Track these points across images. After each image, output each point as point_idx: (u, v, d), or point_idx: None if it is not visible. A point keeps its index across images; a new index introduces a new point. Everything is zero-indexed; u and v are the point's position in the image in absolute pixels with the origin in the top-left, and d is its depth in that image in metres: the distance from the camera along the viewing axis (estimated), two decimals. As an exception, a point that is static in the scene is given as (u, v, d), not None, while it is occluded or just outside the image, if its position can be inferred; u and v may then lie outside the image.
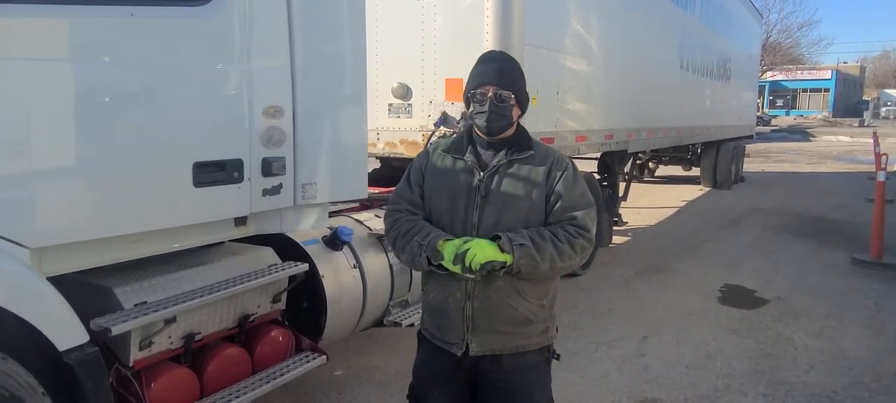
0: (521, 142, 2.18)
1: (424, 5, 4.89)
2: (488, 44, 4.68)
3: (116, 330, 2.31)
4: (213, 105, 2.65)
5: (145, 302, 2.55)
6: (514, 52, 4.74)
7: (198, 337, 2.78)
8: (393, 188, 4.98)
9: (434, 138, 4.90)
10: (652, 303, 5.72)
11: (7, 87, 2.03)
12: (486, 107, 2.11)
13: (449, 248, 2.06)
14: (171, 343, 2.68)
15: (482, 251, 2.00)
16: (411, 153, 5.00)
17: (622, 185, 8.65)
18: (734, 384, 4.09)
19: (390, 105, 5.13)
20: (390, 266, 3.81)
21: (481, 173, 2.15)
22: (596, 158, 7.92)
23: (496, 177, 2.13)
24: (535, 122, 5.05)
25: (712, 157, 13.14)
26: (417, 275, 3.94)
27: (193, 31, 2.55)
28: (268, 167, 2.84)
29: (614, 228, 7.95)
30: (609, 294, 5.97)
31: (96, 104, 2.25)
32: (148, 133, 2.40)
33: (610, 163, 7.71)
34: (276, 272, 3.04)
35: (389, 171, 5.66)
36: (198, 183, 2.57)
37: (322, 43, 3.14)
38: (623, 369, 4.29)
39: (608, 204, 7.34)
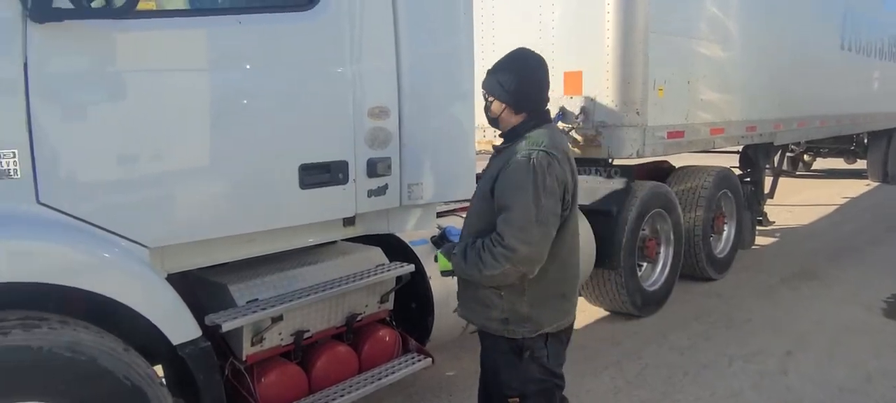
0: (513, 136, 2.31)
1: (542, -2, 4.72)
2: (609, 33, 4.43)
3: (226, 327, 2.42)
4: (319, 107, 2.69)
5: (257, 300, 2.66)
6: (638, 40, 4.45)
7: (307, 335, 2.86)
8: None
9: (552, 134, 4.73)
10: (800, 314, 5.12)
11: (123, 98, 2.18)
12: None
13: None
14: (282, 339, 2.78)
15: (440, 261, 2.43)
16: (529, 150, 4.85)
17: (769, 181, 7.88)
18: (899, 413, 3.54)
19: (507, 101, 5.01)
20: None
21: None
22: (737, 152, 7.28)
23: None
24: (661, 115, 4.71)
25: (882, 148, 11.60)
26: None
27: (299, 35, 2.59)
28: (373, 168, 2.84)
29: (758, 228, 7.25)
30: (749, 301, 5.44)
31: (207, 110, 2.36)
32: (256, 137, 2.48)
33: (753, 156, 7.04)
34: (383, 272, 3.05)
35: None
36: (304, 185, 2.62)
37: (429, 41, 3.08)
38: (761, 387, 3.86)
39: (750, 201, 6.69)
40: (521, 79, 2.31)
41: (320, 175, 2.66)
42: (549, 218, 2.14)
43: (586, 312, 5.11)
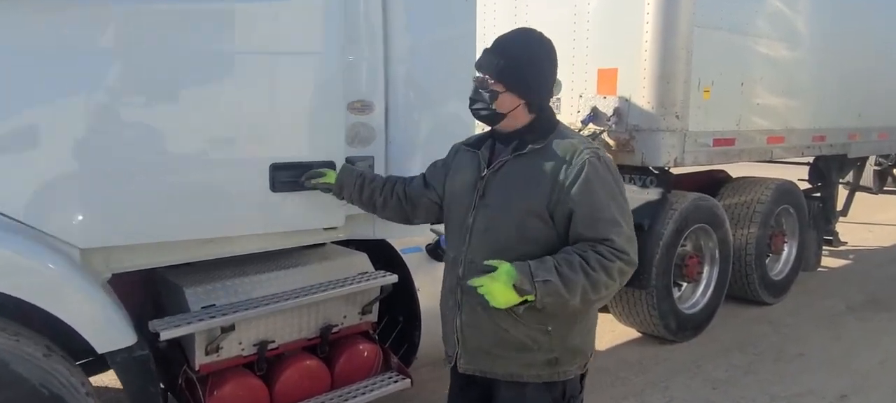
0: (536, 133, 1.84)
1: (578, -14, 4.32)
2: (649, 26, 3.99)
3: (166, 336, 2.21)
4: (288, 100, 2.44)
5: (213, 306, 2.46)
6: (681, 35, 3.99)
7: (272, 346, 2.64)
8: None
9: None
10: (865, 349, 4.51)
11: (46, 79, 1.97)
12: (470, 93, 1.91)
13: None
14: (242, 349, 2.56)
15: (493, 297, 1.68)
16: (558, 153, 4.47)
17: (844, 196, 7.14)
18: (972, 483, 2.98)
19: (538, 99, 4.65)
20: (505, 281, 3.36)
21: (486, 170, 1.90)
22: (808, 163, 6.60)
23: (497, 175, 1.87)
24: (706, 120, 4.23)
25: None
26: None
27: (268, 18, 2.35)
28: (351, 168, 2.60)
29: (827, 248, 6.55)
30: (805, 331, 4.85)
31: (149, 96, 2.15)
32: (204, 131, 2.25)
33: (824, 169, 6.35)
34: (362, 281, 2.79)
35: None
36: (276, 186, 2.38)
37: (424, 27, 2.81)
38: (803, 436, 3.37)
39: (817, 219, 6.03)
40: (541, 67, 1.86)
41: (290, 174, 2.40)
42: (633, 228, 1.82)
43: (616, 332, 4.69)
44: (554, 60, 1.90)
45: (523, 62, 1.83)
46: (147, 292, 2.73)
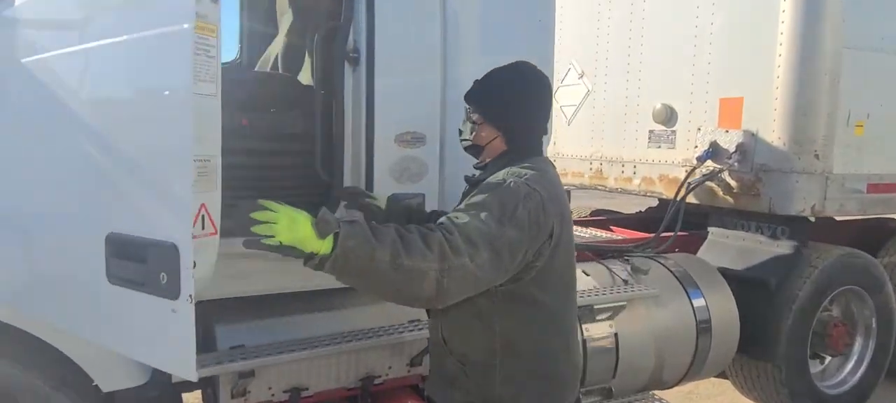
0: (491, 168, 1.85)
1: (700, 4, 3.78)
2: (783, 47, 3.37)
3: (176, 378, 2.09)
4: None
5: (242, 346, 2.32)
6: (825, 58, 3.33)
7: (306, 393, 2.45)
8: (642, 234, 4.02)
9: (698, 175, 3.76)
10: None
11: None
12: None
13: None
14: (272, 394, 2.39)
15: (280, 225, 1.43)
16: (670, 193, 3.93)
17: None
18: None
19: (651, 132, 4.15)
20: (584, 340, 2.92)
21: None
22: None
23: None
24: (857, 161, 3.48)
25: None
26: (625, 355, 3.00)
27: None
28: (397, 205, 2.36)
29: None
30: None
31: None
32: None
33: None
34: (405, 332, 2.52)
35: (659, 212, 4.62)
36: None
37: (490, 47, 2.54)
38: None
39: None
40: (519, 99, 1.85)
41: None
42: (505, 251, 1.61)
43: (738, 405, 3.98)
44: (540, 94, 1.88)
45: (502, 92, 1.84)
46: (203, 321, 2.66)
